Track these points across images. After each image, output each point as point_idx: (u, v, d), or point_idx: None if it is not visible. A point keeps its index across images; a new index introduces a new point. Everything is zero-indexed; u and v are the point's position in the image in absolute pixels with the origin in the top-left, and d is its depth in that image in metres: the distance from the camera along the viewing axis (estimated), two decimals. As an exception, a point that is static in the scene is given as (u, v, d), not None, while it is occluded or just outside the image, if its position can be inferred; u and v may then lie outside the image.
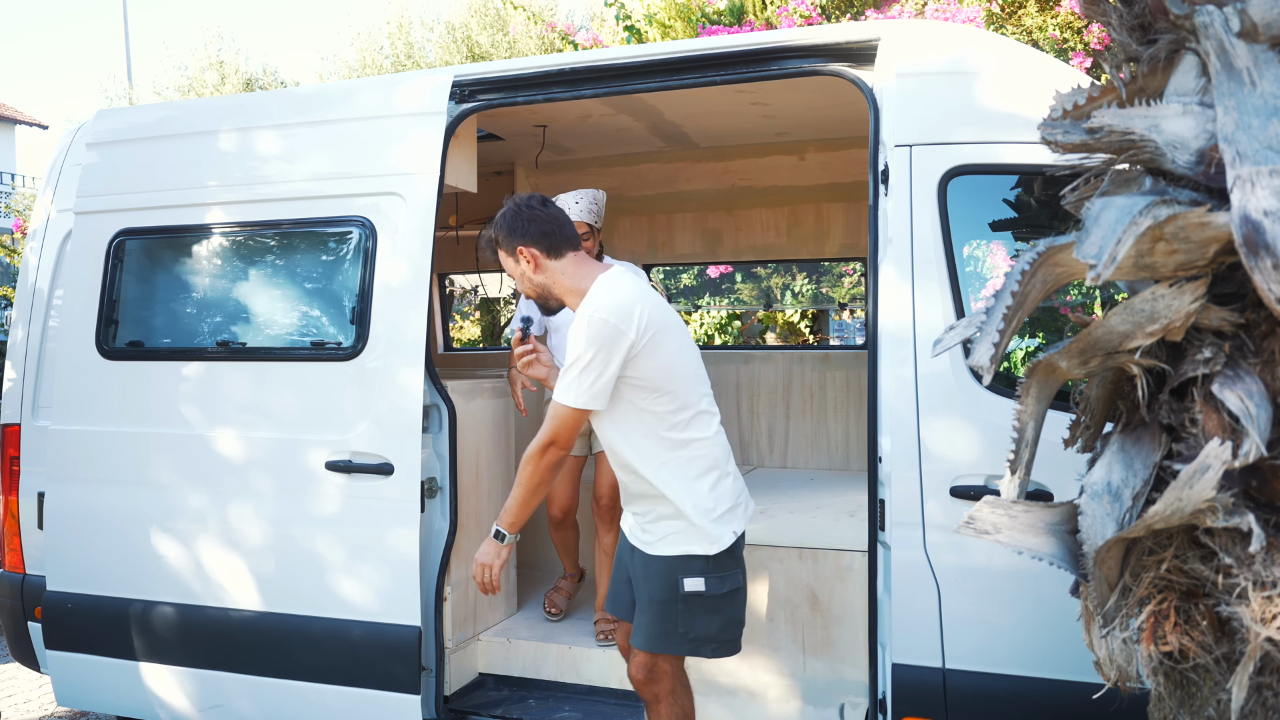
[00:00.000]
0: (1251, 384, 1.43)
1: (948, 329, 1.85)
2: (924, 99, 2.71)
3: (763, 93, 3.69)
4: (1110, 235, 1.39)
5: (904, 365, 2.66)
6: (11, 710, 4.39)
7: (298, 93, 3.59)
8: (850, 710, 2.97)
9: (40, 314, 3.91)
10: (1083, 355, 1.58)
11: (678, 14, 6.47)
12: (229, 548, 3.29)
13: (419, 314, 3.08)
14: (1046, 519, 1.69)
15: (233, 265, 3.49)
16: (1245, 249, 1.32)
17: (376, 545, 3.08)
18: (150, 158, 3.53)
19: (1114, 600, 1.61)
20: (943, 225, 2.66)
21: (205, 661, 3.32)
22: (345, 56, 13.56)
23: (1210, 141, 1.46)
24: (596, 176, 5.08)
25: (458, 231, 5.13)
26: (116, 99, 15.32)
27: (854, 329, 12.43)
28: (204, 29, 22.51)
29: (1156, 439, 1.58)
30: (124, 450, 3.43)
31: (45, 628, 3.54)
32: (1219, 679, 1.53)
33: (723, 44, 3.05)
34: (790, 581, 3.02)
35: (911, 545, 2.64)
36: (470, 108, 3.21)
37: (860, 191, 4.54)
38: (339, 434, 3.16)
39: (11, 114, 26.51)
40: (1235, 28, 1.42)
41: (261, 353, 3.34)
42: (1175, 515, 1.44)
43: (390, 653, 3.05)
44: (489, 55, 11.81)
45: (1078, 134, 1.59)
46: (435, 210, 3.10)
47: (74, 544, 3.49)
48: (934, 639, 2.62)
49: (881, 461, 2.70)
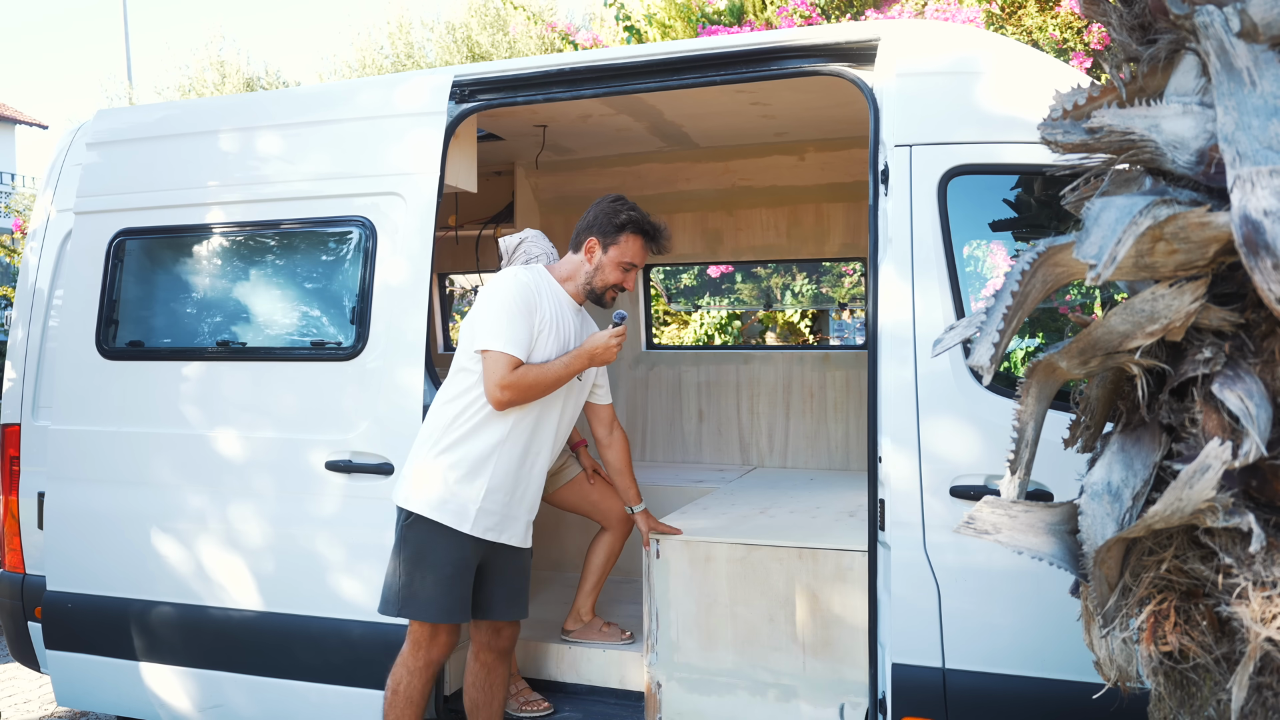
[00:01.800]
0: (1251, 384, 1.43)
1: (948, 329, 1.85)
2: (924, 99, 2.71)
3: (763, 93, 3.69)
4: (1110, 235, 1.39)
5: (904, 365, 2.66)
6: (11, 710, 4.39)
7: (298, 93, 3.59)
8: (850, 710, 2.97)
9: (40, 314, 3.91)
10: (1083, 355, 1.57)
11: (678, 14, 6.47)
12: (229, 548, 3.29)
13: (419, 314, 3.08)
14: (1046, 519, 1.69)
15: (233, 265, 3.49)
16: (1245, 249, 1.32)
17: (376, 545, 3.07)
18: (150, 158, 3.53)
19: (1114, 600, 1.61)
20: (943, 225, 2.66)
21: (205, 661, 3.32)
22: (345, 56, 13.57)
23: (1210, 141, 1.46)
24: (596, 176, 5.08)
25: (458, 231, 5.13)
26: (116, 99, 15.32)
27: (854, 329, 12.42)
28: (205, 29, 22.54)
29: (1156, 439, 1.58)
30: (124, 450, 3.43)
31: (45, 628, 3.54)
32: (1219, 679, 1.53)
33: (723, 44, 3.05)
34: (790, 581, 3.02)
35: (911, 545, 2.64)
36: (470, 108, 3.21)
37: (860, 191, 4.54)
38: (339, 434, 3.16)
39: (11, 114, 26.51)
40: (1235, 28, 1.42)
41: (261, 353, 3.35)
42: (1175, 515, 1.44)
43: (390, 653, 3.05)
44: (489, 55, 11.81)
45: (1078, 134, 1.59)
46: (435, 210, 3.10)
47: (74, 544, 3.49)
48: (934, 639, 2.62)
49: (881, 461, 2.70)
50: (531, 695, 3.37)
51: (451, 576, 2.74)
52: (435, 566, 2.73)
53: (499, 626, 2.93)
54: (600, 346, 2.77)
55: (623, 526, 3.61)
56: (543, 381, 2.72)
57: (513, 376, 2.68)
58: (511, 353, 2.69)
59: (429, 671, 2.80)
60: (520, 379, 2.69)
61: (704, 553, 3.10)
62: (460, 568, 2.75)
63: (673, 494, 4.25)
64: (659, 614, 3.14)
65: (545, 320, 2.78)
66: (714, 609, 3.08)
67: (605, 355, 2.79)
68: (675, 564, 3.12)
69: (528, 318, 2.73)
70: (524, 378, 2.69)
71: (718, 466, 5.00)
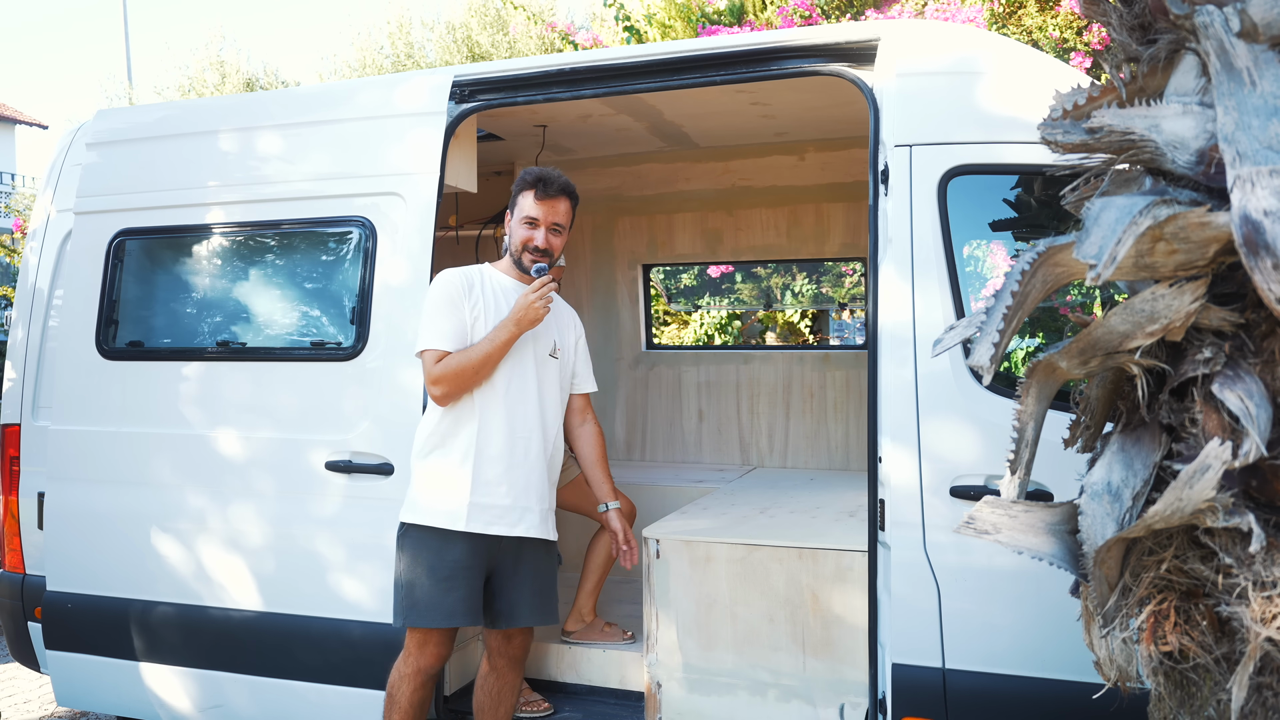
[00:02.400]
0: (1251, 384, 1.43)
1: (948, 329, 1.85)
2: (924, 99, 2.71)
3: (763, 93, 3.69)
4: (1110, 235, 1.39)
5: (904, 365, 2.66)
6: (11, 710, 4.39)
7: (298, 92, 3.59)
8: (850, 710, 2.97)
9: (40, 314, 3.91)
10: (1083, 355, 1.57)
11: (678, 14, 6.47)
12: (229, 548, 3.29)
13: (419, 314, 3.08)
14: (1046, 519, 1.69)
15: (233, 265, 3.49)
16: (1245, 249, 1.32)
17: (376, 545, 3.08)
18: (150, 158, 3.53)
19: (1114, 600, 1.61)
20: (943, 225, 2.66)
21: (205, 661, 3.32)
22: (345, 56, 13.55)
23: (1210, 141, 1.46)
24: (596, 176, 5.08)
25: (458, 231, 5.12)
26: (116, 99, 15.31)
27: (854, 329, 12.42)
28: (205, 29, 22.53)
29: (1156, 439, 1.58)
30: (124, 450, 3.43)
31: (45, 628, 3.54)
32: (1219, 679, 1.53)
33: (723, 44, 3.05)
34: (790, 581, 3.02)
35: (911, 545, 2.64)
36: (470, 108, 3.21)
37: (860, 191, 4.54)
38: (339, 434, 3.16)
39: (11, 114, 26.50)
40: (1235, 28, 1.42)
41: (262, 353, 3.35)
42: (1175, 515, 1.44)
43: (390, 653, 3.05)
44: (489, 55, 11.81)
45: (1078, 134, 1.59)
46: (435, 210, 3.10)
47: (74, 544, 3.49)
48: (934, 639, 2.62)
49: (881, 461, 2.70)
50: (531, 695, 3.37)
51: (448, 578, 2.71)
52: (430, 570, 2.71)
53: (509, 633, 2.86)
54: (523, 307, 2.68)
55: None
56: (471, 362, 2.66)
57: (440, 368, 2.66)
58: (435, 347, 2.68)
59: (419, 679, 2.76)
60: (446, 367, 2.66)
61: (704, 553, 3.10)
62: (457, 569, 2.71)
63: (673, 494, 4.25)
64: (659, 614, 3.14)
65: (479, 307, 2.74)
66: (714, 609, 3.08)
67: (530, 314, 2.68)
68: (675, 564, 3.12)
69: (451, 310, 2.71)
70: (449, 365, 2.66)
71: (718, 466, 5.00)
